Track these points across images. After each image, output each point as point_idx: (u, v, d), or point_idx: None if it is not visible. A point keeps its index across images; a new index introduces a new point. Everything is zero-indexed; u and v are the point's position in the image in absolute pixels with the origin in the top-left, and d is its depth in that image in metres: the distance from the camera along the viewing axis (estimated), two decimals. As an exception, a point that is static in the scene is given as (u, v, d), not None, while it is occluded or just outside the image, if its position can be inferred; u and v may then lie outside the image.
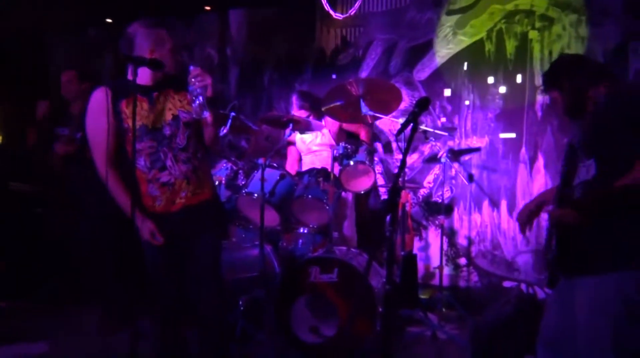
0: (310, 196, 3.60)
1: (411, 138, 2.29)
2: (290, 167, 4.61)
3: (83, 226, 3.95)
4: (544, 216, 2.37)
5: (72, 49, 6.26)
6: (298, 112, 4.36)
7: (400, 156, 4.78)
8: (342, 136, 4.43)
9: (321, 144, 4.38)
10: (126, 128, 2.42)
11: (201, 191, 2.52)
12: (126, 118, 2.41)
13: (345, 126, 4.43)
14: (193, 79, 2.31)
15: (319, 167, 3.89)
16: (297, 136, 4.40)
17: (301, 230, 3.92)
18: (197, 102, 2.32)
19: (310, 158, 4.44)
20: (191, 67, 2.34)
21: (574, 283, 2.12)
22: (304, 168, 4.40)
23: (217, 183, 3.68)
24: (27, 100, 5.90)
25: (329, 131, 4.38)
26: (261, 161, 3.54)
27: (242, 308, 3.52)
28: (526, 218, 2.38)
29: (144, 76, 2.43)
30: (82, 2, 5.42)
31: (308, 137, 4.41)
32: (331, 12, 3.57)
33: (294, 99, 4.54)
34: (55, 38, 6.33)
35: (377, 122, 4.85)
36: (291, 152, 4.74)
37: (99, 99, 2.43)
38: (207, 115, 2.35)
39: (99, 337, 3.72)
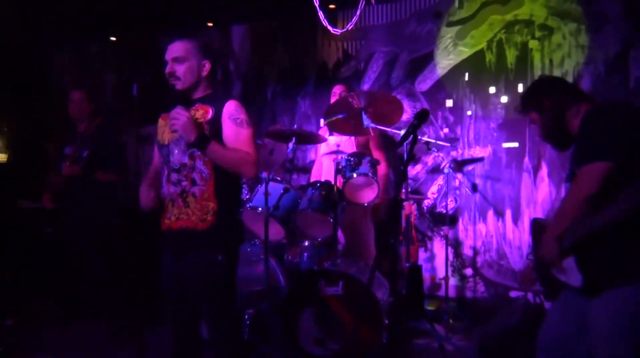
0: (314, 209, 3.61)
1: (411, 150, 2.31)
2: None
3: (89, 243, 3.97)
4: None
5: (74, 66, 6.33)
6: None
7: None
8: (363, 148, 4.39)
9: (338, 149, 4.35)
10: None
11: (186, 217, 2.39)
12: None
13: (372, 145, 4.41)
14: (171, 119, 2.32)
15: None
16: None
17: (306, 243, 3.93)
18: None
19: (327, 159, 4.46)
20: (176, 108, 2.33)
21: (585, 301, 2.11)
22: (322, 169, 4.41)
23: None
24: (31, 117, 5.98)
25: (355, 140, 4.34)
26: (265, 175, 3.56)
27: (247, 321, 3.52)
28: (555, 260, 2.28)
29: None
30: (85, 18, 5.48)
31: (333, 139, 4.38)
32: (329, 27, 3.59)
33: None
34: (58, 54, 6.40)
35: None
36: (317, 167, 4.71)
37: None
38: (185, 160, 2.38)
39: (106, 350, 3.73)
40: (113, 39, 6.17)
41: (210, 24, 5.83)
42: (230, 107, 2.43)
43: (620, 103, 2.30)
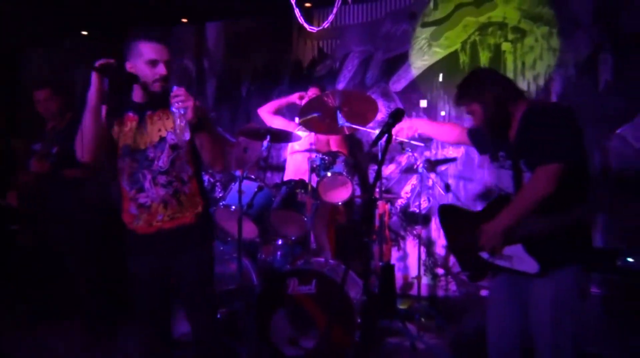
0: (287, 207, 3.60)
1: (386, 149, 2.32)
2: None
3: (58, 242, 3.89)
4: None
5: (45, 61, 6.20)
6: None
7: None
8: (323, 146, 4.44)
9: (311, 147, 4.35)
10: (114, 145, 2.43)
11: (182, 215, 2.44)
12: (114, 135, 2.43)
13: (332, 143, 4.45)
14: (173, 100, 2.25)
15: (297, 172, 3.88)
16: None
17: (279, 242, 3.92)
18: (177, 123, 2.26)
19: (292, 159, 4.46)
20: (174, 88, 2.27)
21: (523, 282, 2.26)
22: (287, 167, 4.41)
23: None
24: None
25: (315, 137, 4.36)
26: (238, 173, 3.53)
27: (220, 321, 3.49)
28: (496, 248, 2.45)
29: (140, 94, 2.44)
30: (57, 13, 5.37)
31: (303, 135, 4.36)
32: (305, 25, 3.58)
33: None
34: (28, 50, 6.26)
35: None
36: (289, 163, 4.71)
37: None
38: (187, 137, 2.27)
39: (76, 352, 3.66)
40: (84, 33, 6.05)
41: (184, 20, 5.77)
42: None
43: (561, 106, 2.41)
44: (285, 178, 4.41)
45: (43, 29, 5.80)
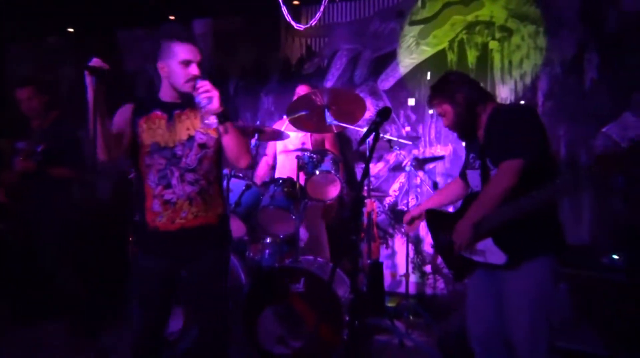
0: (276, 206, 3.59)
1: (373, 147, 2.33)
2: (260, 178, 4.60)
3: (44, 240, 3.86)
4: None
5: (29, 59, 6.13)
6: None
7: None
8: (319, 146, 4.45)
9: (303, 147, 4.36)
10: (140, 142, 2.45)
11: (205, 214, 2.49)
12: (142, 132, 2.45)
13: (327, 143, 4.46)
14: (199, 91, 2.31)
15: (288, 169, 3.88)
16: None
17: (268, 240, 3.91)
18: (203, 112, 2.34)
19: (283, 157, 4.46)
20: (198, 81, 2.33)
21: (499, 275, 2.35)
22: (278, 165, 4.41)
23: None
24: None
25: (311, 137, 4.38)
26: (226, 171, 3.52)
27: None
28: (409, 223, 2.78)
29: (170, 93, 2.49)
30: (42, 9, 5.31)
31: (293, 135, 4.36)
32: (293, 23, 3.57)
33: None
34: (12, 47, 6.19)
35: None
36: (262, 162, 4.74)
37: (124, 111, 2.49)
38: (212, 126, 2.37)
39: (62, 352, 3.64)
40: (71, 30, 6.00)
41: (171, 17, 5.73)
42: None
43: (524, 106, 2.58)
44: (277, 176, 4.40)
45: (28, 25, 5.74)
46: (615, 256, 3.41)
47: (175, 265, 2.50)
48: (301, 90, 4.41)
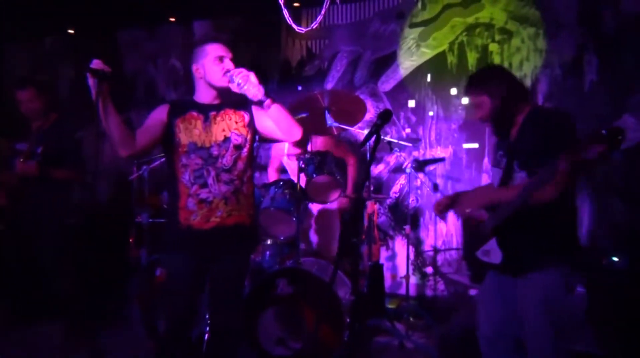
0: (276, 208, 3.59)
1: (374, 149, 2.33)
2: (271, 177, 4.57)
3: (43, 242, 3.85)
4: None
5: (28, 60, 6.13)
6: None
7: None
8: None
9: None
10: (177, 142, 2.49)
11: (238, 213, 2.54)
12: (179, 133, 2.50)
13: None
14: (235, 75, 2.45)
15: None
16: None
17: (268, 242, 3.91)
18: (243, 90, 2.44)
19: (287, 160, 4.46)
20: (234, 69, 2.48)
21: (511, 281, 2.34)
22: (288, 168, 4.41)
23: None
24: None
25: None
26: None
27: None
28: (440, 211, 2.67)
29: (206, 94, 2.57)
30: (42, 10, 5.31)
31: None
32: (294, 25, 3.58)
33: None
34: (12, 47, 6.19)
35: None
36: (271, 168, 4.70)
37: (159, 111, 2.54)
38: (259, 97, 2.48)
39: (59, 353, 3.64)
40: (71, 31, 6.00)
41: (172, 19, 5.74)
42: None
43: (565, 111, 2.46)
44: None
45: (27, 26, 5.73)
46: (615, 258, 3.42)
47: (206, 263, 2.54)
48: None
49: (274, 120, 2.56)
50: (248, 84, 2.45)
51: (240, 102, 2.64)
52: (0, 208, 4.18)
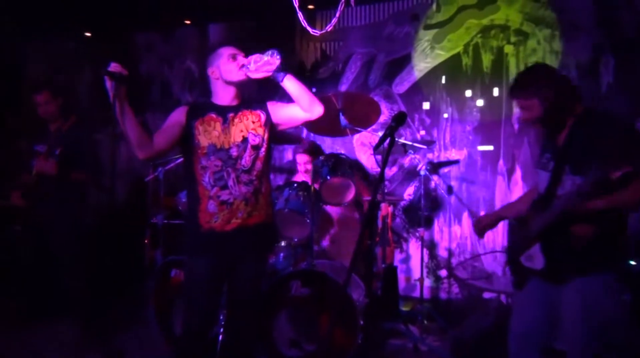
0: (290, 209, 3.60)
1: (389, 152, 2.33)
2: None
3: (58, 243, 3.90)
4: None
5: (47, 62, 6.20)
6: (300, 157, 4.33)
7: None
8: None
9: None
10: (196, 144, 2.52)
11: (258, 213, 2.57)
12: (198, 135, 2.53)
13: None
14: (250, 60, 2.59)
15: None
16: None
17: (282, 244, 3.92)
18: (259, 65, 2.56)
19: None
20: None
21: (554, 287, 2.29)
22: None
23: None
24: (1, 115, 5.84)
25: None
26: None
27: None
28: (481, 230, 2.63)
29: (224, 96, 2.62)
30: (59, 13, 5.38)
31: None
32: (308, 28, 3.59)
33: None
34: (30, 50, 6.26)
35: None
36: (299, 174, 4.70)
37: (178, 113, 2.58)
38: (274, 61, 2.61)
39: (74, 352, 3.68)
40: (88, 34, 6.06)
41: (187, 22, 5.78)
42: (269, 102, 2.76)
43: (614, 114, 2.40)
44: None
45: (45, 29, 5.80)
46: (632, 262, 3.38)
47: (227, 265, 2.57)
48: (301, 160, 4.31)
49: (294, 95, 2.62)
50: (262, 60, 2.56)
51: (256, 101, 2.70)
52: (17, 209, 4.24)
